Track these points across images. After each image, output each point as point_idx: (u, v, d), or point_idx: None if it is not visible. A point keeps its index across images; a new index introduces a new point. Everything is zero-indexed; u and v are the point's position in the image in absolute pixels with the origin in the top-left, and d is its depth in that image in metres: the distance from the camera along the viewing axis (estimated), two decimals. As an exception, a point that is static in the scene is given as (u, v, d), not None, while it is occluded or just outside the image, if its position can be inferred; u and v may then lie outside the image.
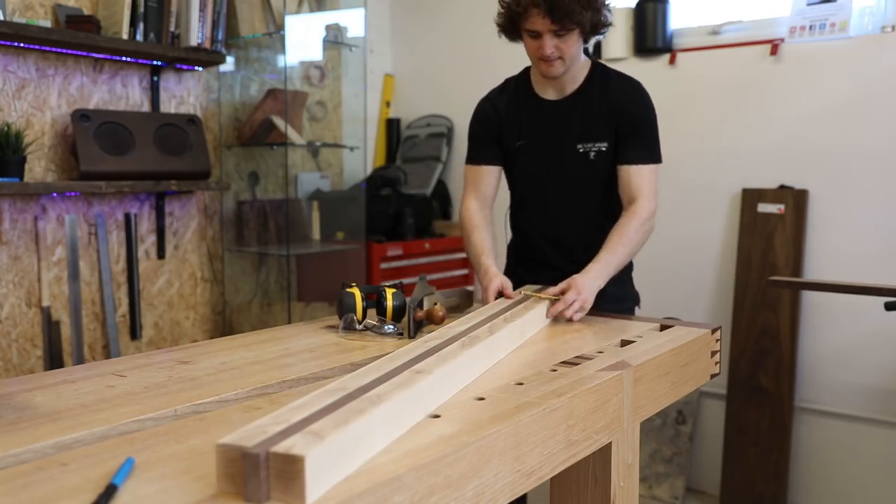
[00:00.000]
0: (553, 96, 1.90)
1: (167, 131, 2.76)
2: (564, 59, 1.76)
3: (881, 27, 2.65)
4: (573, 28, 1.71)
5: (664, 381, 1.37)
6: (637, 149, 1.82)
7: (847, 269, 2.71)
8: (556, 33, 1.72)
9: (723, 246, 3.00)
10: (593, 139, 1.85)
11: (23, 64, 2.54)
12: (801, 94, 2.79)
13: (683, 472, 2.99)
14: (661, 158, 1.86)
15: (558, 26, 1.70)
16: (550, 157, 1.89)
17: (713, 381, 1.76)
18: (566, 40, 1.73)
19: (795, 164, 2.81)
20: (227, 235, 3.18)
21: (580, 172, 1.87)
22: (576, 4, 1.67)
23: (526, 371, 1.21)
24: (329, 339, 1.47)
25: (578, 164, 1.86)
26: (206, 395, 1.07)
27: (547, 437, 1.03)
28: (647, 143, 1.84)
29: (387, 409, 0.86)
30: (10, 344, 2.54)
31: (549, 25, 1.70)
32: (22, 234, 2.56)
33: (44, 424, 0.94)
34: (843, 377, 2.75)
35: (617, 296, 1.87)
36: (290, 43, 3.07)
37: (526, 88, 1.93)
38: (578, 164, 1.86)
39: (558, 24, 1.69)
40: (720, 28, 3.00)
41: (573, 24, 1.70)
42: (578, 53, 1.80)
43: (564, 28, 1.70)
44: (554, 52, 1.74)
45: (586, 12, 1.70)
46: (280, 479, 0.71)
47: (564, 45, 1.74)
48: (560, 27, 1.70)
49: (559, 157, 1.88)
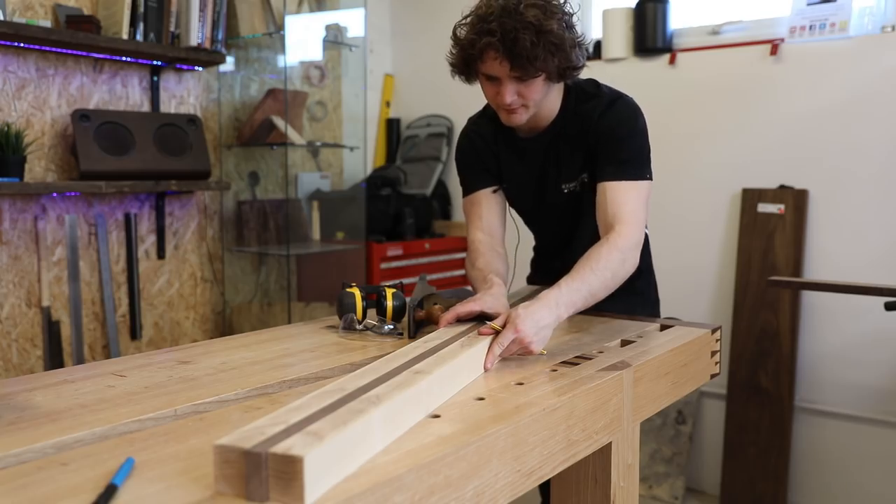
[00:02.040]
0: (526, 133, 1.68)
1: (167, 131, 2.76)
2: (528, 106, 1.52)
3: (881, 27, 2.65)
4: (537, 75, 1.46)
5: (664, 381, 1.37)
6: (613, 164, 1.55)
7: (847, 269, 2.71)
8: (517, 79, 1.47)
9: (723, 246, 3.00)
10: (574, 174, 1.65)
11: (23, 64, 2.54)
12: (801, 94, 2.79)
13: (683, 472, 2.99)
14: (651, 176, 1.58)
15: (520, 72, 1.45)
16: (534, 197, 1.73)
17: (713, 381, 1.76)
18: (529, 86, 1.48)
19: (795, 164, 2.81)
20: (227, 235, 3.18)
21: (569, 206, 1.71)
22: (540, 50, 1.41)
23: (526, 371, 1.21)
24: (329, 339, 1.47)
25: (565, 200, 1.70)
26: (206, 395, 1.07)
27: (547, 437, 1.03)
28: (627, 157, 1.56)
29: (386, 409, 0.86)
30: (10, 344, 2.54)
31: (509, 71, 1.45)
32: (22, 234, 2.56)
33: (44, 424, 0.94)
34: (843, 377, 2.75)
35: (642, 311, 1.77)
36: (290, 43, 3.07)
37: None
38: (565, 200, 1.70)
39: (519, 70, 1.44)
40: (720, 28, 3.00)
41: (535, 71, 1.45)
42: (546, 94, 1.55)
43: (526, 74, 1.45)
44: (516, 100, 1.50)
45: (552, 58, 1.44)
46: (279, 479, 0.71)
47: (528, 91, 1.49)
48: (521, 73, 1.45)
49: (541, 197, 1.71)
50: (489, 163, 1.74)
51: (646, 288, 1.84)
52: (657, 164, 1.65)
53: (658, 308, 1.89)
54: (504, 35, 1.41)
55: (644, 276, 1.78)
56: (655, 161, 1.63)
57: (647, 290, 1.84)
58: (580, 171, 1.64)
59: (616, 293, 1.54)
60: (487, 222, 1.70)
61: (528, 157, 1.69)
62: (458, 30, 1.54)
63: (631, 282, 1.74)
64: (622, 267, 1.46)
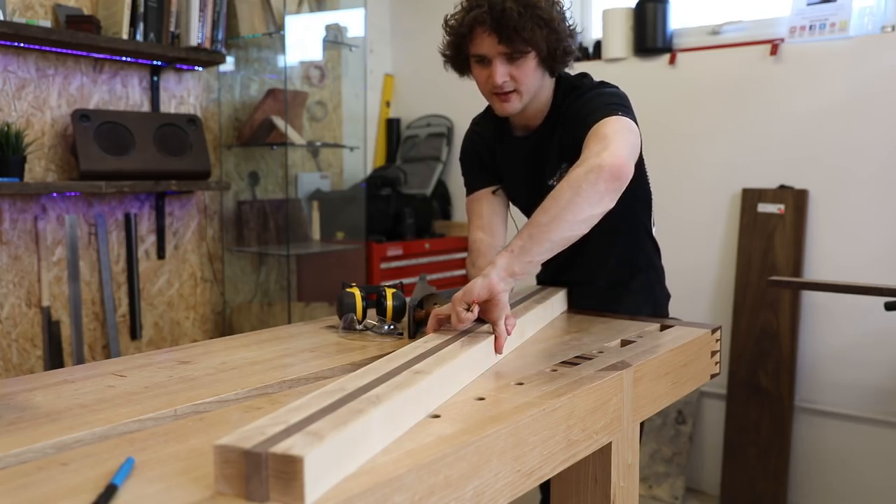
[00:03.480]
0: (520, 132, 1.69)
1: (167, 131, 2.76)
2: (520, 91, 1.53)
3: (881, 27, 2.65)
4: (526, 51, 1.48)
5: (664, 381, 1.37)
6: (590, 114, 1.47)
7: (847, 269, 2.71)
8: (507, 57, 1.49)
9: (723, 246, 3.00)
10: (555, 167, 1.62)
11: (23, 64, 2.54)
12: (801, 94, 2.79)
13: (683, 472, 2.99)
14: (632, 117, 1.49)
15: (508, 47, 1.47)
16: (528, 196, 1.70)
17: (713, 381, 1.76)
18: (521, 67, 1.50)
19: (795, 164, 2.81)
20: (227, 235, 3.18)
21: None
22: (527, 21, 1.44)
23: (526, 371, 1.21)
24: (329, 339, 1.47)
25: None
26: (206, 395, 1.07)
27: (547, 437, 1.03)
28: (600, 103, 1.50)
29: (386, 409, 0.86)
30: (10, 344, 2.54)
31: (498, 46, 1.48)
32: (22, 234, 2.56)
33: (44, 424, 0.94)
34: (843, 377, 2.75)
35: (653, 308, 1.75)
36: (290, 43, 3.07)
37: (504, 120, 1.71)
38: None
39: (507, 43, 1.46)
40: (720, 28, 3.00)
41: (524, 45, 1.47)
42: (538, 86, 1.56)
43: (516, 49, 1.47)
44: (508, 82, 1.51)
45: (539, 30, 1.46)
46: (279, 479, 0.71)
47: (519, 74, 1.50)
48: (510, 48, 1.47)
49: (533, 195, 1.63)
50: (488, 162, 1.75)
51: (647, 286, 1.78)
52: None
53: (666, 309, 1.82)
54: (492, 7, 1.46)
55: (644, 273, 1.77)
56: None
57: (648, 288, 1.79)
58: (559, 162, 1.61)
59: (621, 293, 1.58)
60: (488, 222, 1.70)
61: (520, 156, 1.69)
62: (449, 20, 1.58)
63: (628, 280, 1.73)
64: (591, 189, 1.31)
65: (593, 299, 1.75)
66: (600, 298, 1.75)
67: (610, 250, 1.72)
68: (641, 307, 1.75)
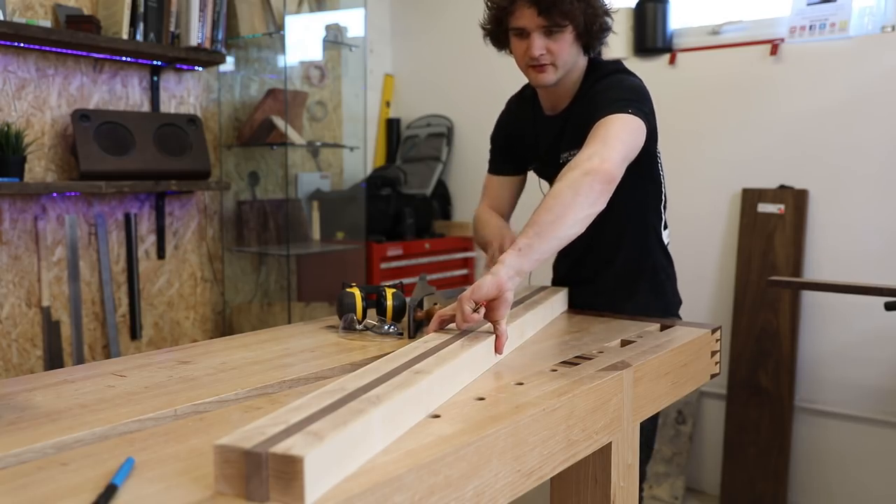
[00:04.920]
0: (550, 112, 1.74)
1: (167, 131, 2.76)
2: (556, 64, 1.59)
3: (881, 27, 2.65)
4: (564, 24, 1.56)
5: (664, 381, 1.37)
6: (601, 107, 1.52)
7: (847, 269, 2.71)
8: (545, 31, 1.56)
9: (723, 246, 3.00)
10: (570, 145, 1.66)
11: (23, 64, 2.54)
12: (801, 94, 2.79)
13: (683, 472, 2.99)
14: (641, 115, 1.52)
15: (547, 20, 1.55)
16: (551, 176, 1.74)
17: (713, 381, 1.76)
18: (558, 40, 1.57)
19: (795, 164, 2.81)
20: (227, 235, 3.18)
21: None
22: None
23: (526, 371, 1.21)
24: (329, 339, 1.47)
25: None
26: (206, 395, 1.07)
27: (547, 437, 1.03)
28: (613, 96, 1.55)
29: (386, 409, 0.86)
30: (10, 344, 2.54)
31: (537, 20, 1.55)
32: (22, 234, 2.56)
33: (44, 424, 0.94)
34: (843, 377, 2.75)
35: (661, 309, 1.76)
36: (290, 43, 3.07)
37: (536, 99, 1.78)
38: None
39: (546, 16, 1.54)
40: (720, 28, 3.00)
41: (563, 18, 1.54)
42: (574, 61, 1.62)
43: (554, 23, 1.55)
44: (544, 55, 1.58)
45: (577, 4, 1.54)
46: (279, 479, 0.71)
47: (556, 47, 1.57)
48: (549, 22, 1.55)
49: (552, 174, 1.71)
50: (515, 144, 1.82)
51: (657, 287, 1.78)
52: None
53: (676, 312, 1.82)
54: None
55: (654, 274, 1.77)
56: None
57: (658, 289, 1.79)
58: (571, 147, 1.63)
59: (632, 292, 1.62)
60: (498, 202, 1.83)
61: (550, 135, 1.74)
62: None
63: (637, 279, 1.75)
64: (583, 180, 1.36)
65: (602, 297, 1.77)
66: (609, 297, 1.76)
67: (618, 249, 1.75)
68: (650, 308, 1.75)
